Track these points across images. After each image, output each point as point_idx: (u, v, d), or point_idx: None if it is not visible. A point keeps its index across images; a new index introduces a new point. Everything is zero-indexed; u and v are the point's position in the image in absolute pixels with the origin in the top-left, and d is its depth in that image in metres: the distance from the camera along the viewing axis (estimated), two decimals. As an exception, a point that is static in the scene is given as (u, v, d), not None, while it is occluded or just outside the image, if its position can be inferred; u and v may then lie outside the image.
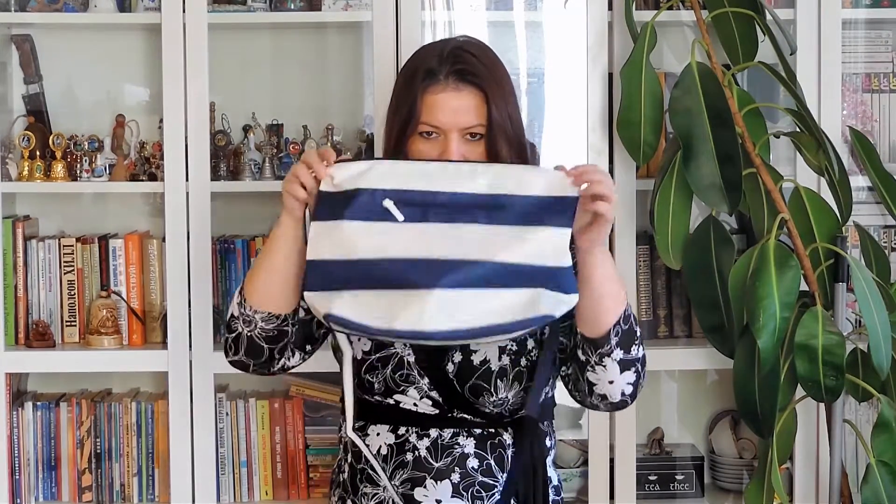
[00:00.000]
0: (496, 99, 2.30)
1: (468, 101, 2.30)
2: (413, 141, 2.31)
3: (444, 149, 2.28)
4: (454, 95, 2.30)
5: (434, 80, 2.30)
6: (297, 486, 3.34)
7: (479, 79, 2.30)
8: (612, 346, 2.24)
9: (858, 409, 3.23)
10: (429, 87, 2.30)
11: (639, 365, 2.28)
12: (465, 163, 2.22)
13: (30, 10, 3.31)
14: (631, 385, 2.28)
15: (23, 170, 3.28)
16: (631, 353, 2.26)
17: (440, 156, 2.29)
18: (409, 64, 2.38)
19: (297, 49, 3.46)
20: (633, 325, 2.27)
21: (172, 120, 3.19)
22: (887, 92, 3.37)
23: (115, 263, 3.32)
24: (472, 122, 2.29)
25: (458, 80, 2.30)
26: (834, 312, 2.95)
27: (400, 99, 2.34)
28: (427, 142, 2.30)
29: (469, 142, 2.30)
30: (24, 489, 3.30)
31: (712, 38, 3.03)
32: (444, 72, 2.30)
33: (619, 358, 2.25)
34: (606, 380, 2.27)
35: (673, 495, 3.36)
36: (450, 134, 2.29)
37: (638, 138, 3.02)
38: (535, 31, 3.35)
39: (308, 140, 3.32)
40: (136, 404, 3.33)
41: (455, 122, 2.29)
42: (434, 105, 2.29)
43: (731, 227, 3.28)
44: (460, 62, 2.32)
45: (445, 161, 2.23)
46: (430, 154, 2.29)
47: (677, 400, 3.51)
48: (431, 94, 2.29)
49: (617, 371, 2.26)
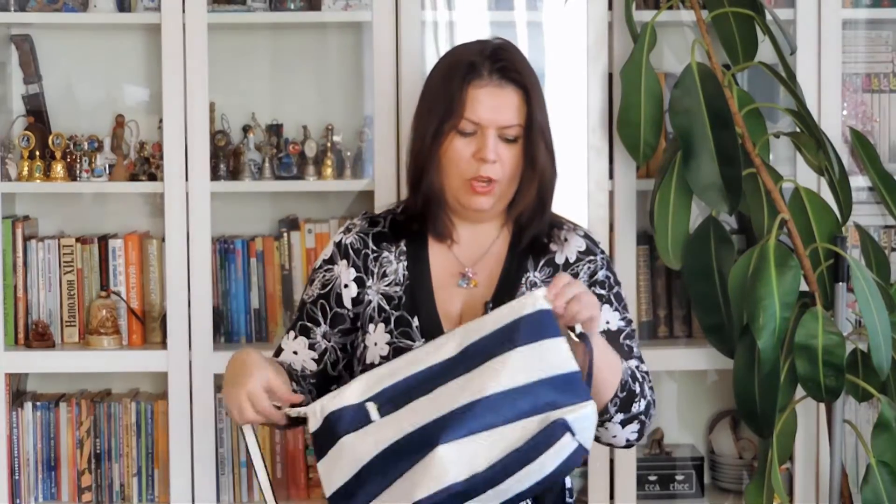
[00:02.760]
0: (537, 99, 2.30)
1: (510, 98, 2.30)
2: (451, 139, 2.30)
3: (480, 146, 2.28)
4: (497, 92, 2.29)
5: (477, 75, 2.29)
6: (297, 486, 3.34)
7: (522, 77, 2.30)
8: (612, 414, 2.27)
9: (858, 410, 3.23)
10: (472, 81, 2.29)
11: (643, 416, 2.30)
12: (437, 340, 2.17)
13: (29, 10, 3.31)
14: (636, 433, 2.31)
15: (22, 170, 3.28)
16: (632, 410, 2.28)
17: (476, 154, 2.28)
18: (445, 61, 2.37)
19: (296, 49, 3.46)
20: (630, 386, 2.27)
21: (172, 120, 3.19)
22: (887, 92, 3.37)
23: (115, 263, 3.32)
24: (512, 122, 2.29)
25: (501, 77, 2.29)
26: (834, 313, 2.95)
27: (436, 94, 2.32)
28: (464, 139, 2.30)
29: (505, 143, 2.30)
30: (23, 489, 3.30)
31: (712, 39, 3.03)
32: (487, 67, 2.29)
33: (619, 420, 2.28)
34: (609, 436, 2.31)
35: (673, 496, 3.36)
36: (487, 131, 2.28)
37: (638, 138, 3.02)
38: (536, 31, 3.34)
39: (308, 140, 3.32)
40: (135, 404, 3.32)
41: (495, 119, 2.28)
42: (476, 100, 2.28)
43: (731, 227, 3.28)
44: (503, 60, 2.31)
45: (418, 348, 2.19)
46: (465, 152, 2.29)
47: (677, 400, 3.51)
48: (474, 89, 2.28)
49: (619, 429, 2.29)
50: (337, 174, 3.33)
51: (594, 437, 2.17)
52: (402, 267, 2.39)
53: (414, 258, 2.39)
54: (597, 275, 2.39)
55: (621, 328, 2.38)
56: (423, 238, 2.41)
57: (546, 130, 2.33)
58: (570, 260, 2.39)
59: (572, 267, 2.39)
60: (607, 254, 2.47)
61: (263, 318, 3.33)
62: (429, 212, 2.38)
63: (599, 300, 2.30)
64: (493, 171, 2.31)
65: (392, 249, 2.40)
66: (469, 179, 2.31)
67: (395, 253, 2.40)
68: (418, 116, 2.37)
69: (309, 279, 2.47)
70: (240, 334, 3.33)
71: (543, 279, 2.37)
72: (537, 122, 2.30)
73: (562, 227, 2.44)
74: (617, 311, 2.39)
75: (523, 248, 2.39)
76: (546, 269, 2.39)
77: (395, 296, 2.38)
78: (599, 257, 2.41)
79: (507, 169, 2.32)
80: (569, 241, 2.41)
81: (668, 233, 3.03)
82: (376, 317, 2.38)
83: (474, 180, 2.31)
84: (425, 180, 2.35)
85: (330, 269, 2.42)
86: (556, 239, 2.41)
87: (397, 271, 2.38)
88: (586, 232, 2.46)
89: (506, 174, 2.32)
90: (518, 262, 2.39)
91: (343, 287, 2.41)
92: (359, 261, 2.39)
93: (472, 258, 2.40)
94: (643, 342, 3.30)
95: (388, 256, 2.40)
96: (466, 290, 2.37)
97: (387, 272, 2.39)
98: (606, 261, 2.43)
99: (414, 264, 2.39)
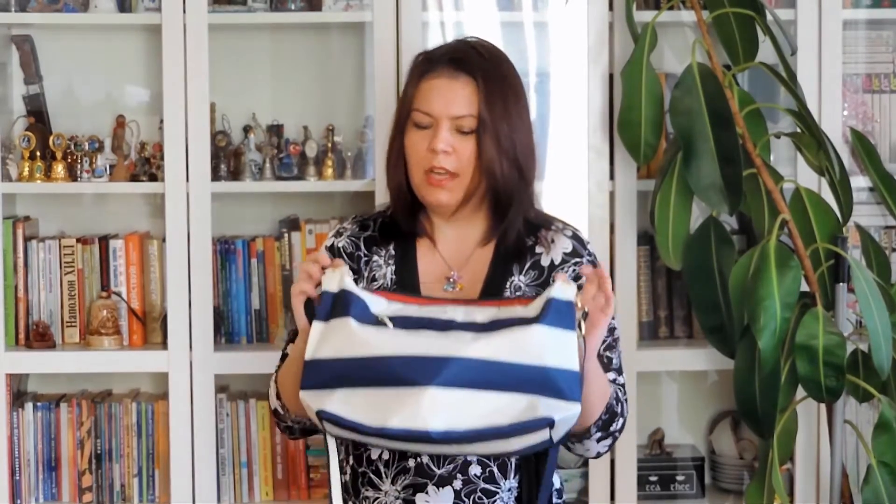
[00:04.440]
0: (491, 93, 2.27)
1: (463, 90, 2.28)
2: (409, 133, 2.30)
3: (432, 138, 2.27)
4: (449, 83, 2.28)
5: (431, 68, 2.30)
6: (298, 487, 3.34)
7: (474, 68, 2.28)
8: (592, 434, 2.27)
9: (859, 410, 3.23)
10: (426, 73, 2.30)
11: (617, 433, 2.31)
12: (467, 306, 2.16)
13: (30, 11, 3.31)
14: (608, 447, 2.32)
15: (23, 170, 3.28)
16: (609, 429, 2.29)
17: (428, 147, 2.26)
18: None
19: (297, 49, 3.46)
20: (613, 408, 2.27)
21: (173, 120, 3.19)
22: (888, 92, 3.37)
23: (116, 264, 3.32)
24: (463, 112, 2.27)
25: (454, 67, 2.29)
26: (834, 313, 2.95)
27: (402, 92, 2.34)
28: (420, 132, 2.29)
29: (460, 135, 2.28)
30: (24, 490, 3.30)
31: (713, 39, 3.03)
32: (444, 61, 2.30)
33: (597, 437, 2.28)
34: (583, 450, 2.32)
35: (673, 496, 3.36)
36: (440, 122, 2.27)
37: (638, 139, 3.02)
38: (536, 31, 3.34)
39: (308, 141, 3.32)
40: (136, 405, 3.32)
41: (446, 110, 2.27)
42: (428, 91, 2.28)
43: (732, 227, 3.28)
44: (459, 53, 2.31)
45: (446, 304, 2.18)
46: (421, 146, 2.28)
47: (678, 401, 3.51)
48: (426, 81, 2.29)
49: (594, 445, 2.30)
50: (337, 174, 3.33)
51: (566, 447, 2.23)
52: (389, 271, 2.36)
53: (402, 261, 2.38)
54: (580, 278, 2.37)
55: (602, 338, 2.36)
56: (412, 240, 2.40)
57: (504, 132, 2.27)
58: (556, 262, 2.35)
59: (558, 269, 2.34)
60: (595, 255, 2.41)
61: (264, 319, 3.33)
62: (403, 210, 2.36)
63: None
64: (448, 163, 2.27)
65: (381, 253, 2.39)
66: (426, 172, 2.29)
67: (385, 256, 2.38)
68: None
69: None
70: (240, 335, 3.33)
71: (528, 283, 2.34)
72: (487, 115, 2.26)
73: (549, 228, 2.39)
74: None
75: (508, 252, 2.35)
76: (531, 273, 2.35)
77: None
78: (586, 259, 2.36)
79: (463, 161, 2.28)
80: (556, 243, 2.36)
81: (669, 233, 3.03)
82: None
83: (431, 173, 2.29)
84: (391, 177, 2.36)
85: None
86: (542, 241, 2.37)
87: (385, 275, 2.36)
88: (574, 232, 2.41)
89: (463, 166, 2.28)
90: (503, 266, 2.35)
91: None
92: (353, 264, 2.38)
93: (459, 260, 2.37)
94: (644, 342, 3.31)
95: (377, 260, 2.38)
96: (452, 294, 2.33)
97: (376, 276, 2.37)
98: (593, 263, 2.35)
99: (401, 268, 2.37)
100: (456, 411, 2.04)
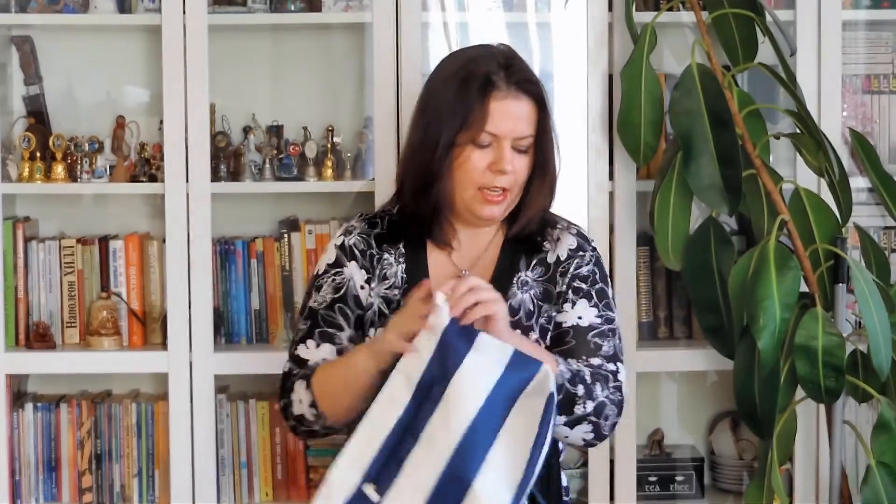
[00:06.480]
0: (544, 112, 2.36)
1: (526, 109, 2.33)
2: (467, 150, 2.31)
3: (497, 157, 2.30)
4: (514, 104, 2.31)
5: (495, 88, 2.30)
6: (298, 487, 3.34)
7: (536, 87, 2.34)
8: None
9: (858, 411, 3.23)
10: (491, 93, 2.30)
11: (592, 416, 2.28)
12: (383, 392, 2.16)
13: (30, 12, 3.31)
14: (591, 433, 2.30)
15: (23, 171, 3.28)
16: (575, 413, 2.26)
17: (492, 165, 2.30)
18: (454, 70, 2.36)
19: (297, 50, 3.46)
20: (568, 390, 2.25)
21: (173, 121, 3.19)
22: (887, 93, 3.37)
23: (116, 265, 3.32)
24: (528, 132, 2.33)
25: (518, 88, 2.31)
26: (834, 314, 2.95)
27: (451, 105, 2.31)
28: (480, 151, 2.31)
29: (517, 153, 2.33)
30: (24, 490, 3.30)
31: (712, 40, 3.03)
32: (504, 79, 2.30)
33: (561, 423, 2.26)
34: (562, 435, 2.31)
35: (673, 496, 3.36)
36: (504, 142, 2.30)
37: (638, 139, 3.02)
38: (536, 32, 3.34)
39: (308, 141, 3.32)
40: (136, 405, 3.33)
41: (513, 131, 2.32)
42: (497, 112, 2.30)
43: (731, 228, 3.28)
44: (517, 70, 2.33)
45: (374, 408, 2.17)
46: (481, 163, 2.30)
47: (677, 401, 3.51)
48: (495, 101, 2.30)
49: (566, 430, 2.28)
50: (337, 175, 3.33)
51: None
52: (400, 269, 2.38)
53: (412, 261, 2.39)
54: (581, 269, 2.42)
55: (594, 325, 2.38)
56: (422, 240, 2.41)
57: (556, 136, 2.38)
58: (562, 258, 2.43)
59: (563, 264, 2.42)
60: (599, 252, 2.49)
61: (264, 320, 3.33)
62: (434, 219, 2.38)
63: (577, 294, 2.35)
64: (507, 182, 2.34)
65: (392, 251, 2.40)
66: (481, 189, 2.33)
67: (395, 255, 2.40)
68: (425, 125, 2.36)
69: (313, 286, 2.45)
70: (240, 335, 3.33)
71: (535, 278, 2.39)
72: (550, 130, 2.34)
73: (556, 227, 2.47)
74: (595, 308, 2.40)
75: (516, 248, 2.41)
76: (538, 269, 2.42)
77: (393, 299, 2.38)
78: (589, 254, 2.45)
79: (519, 178, 2.36)
80: (561, 241, 2.45)
81: (669, 234, 3.03)
82: (377, 321, 2.38)
83: (488, 190, 2.33)
84: (436, 189, 2.35)
85: (339, 273, 2.41)
86: (549, 238, 2.44)
87: (396, 274, 2.38)
88: (579, 230, 2.49)
89: (517, 183, 2.36)
90: (511, 262, 2.41)
91: (359, 289, 2.40)
92: (365, 262, 2.39)
93: (470, 260, 2.41)
94: (643, 343, 3.31)
95: (388, 259, 2.40)
96: None
97: (387, 275, 2.38)
98: (595, 257, 2.46)
99: (412, 267, 2.38)
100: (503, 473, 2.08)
